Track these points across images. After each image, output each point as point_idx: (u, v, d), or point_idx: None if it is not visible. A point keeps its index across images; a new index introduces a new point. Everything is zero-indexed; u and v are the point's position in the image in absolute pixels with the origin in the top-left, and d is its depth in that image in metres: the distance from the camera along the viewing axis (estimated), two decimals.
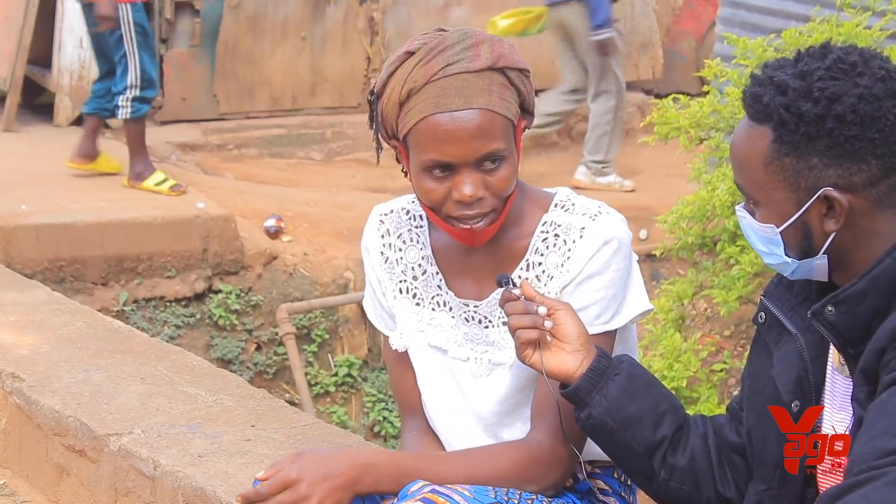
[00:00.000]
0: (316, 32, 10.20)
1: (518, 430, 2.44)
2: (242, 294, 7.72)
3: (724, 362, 5.24)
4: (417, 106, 2.28)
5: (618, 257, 2.35)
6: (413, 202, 2.52)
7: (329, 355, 7.80)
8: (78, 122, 9.52)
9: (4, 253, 7.13)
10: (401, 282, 2.51)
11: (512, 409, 2.44)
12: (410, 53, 2.31)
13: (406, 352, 2.52)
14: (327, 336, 7.77)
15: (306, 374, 7.61)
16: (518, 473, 2.32)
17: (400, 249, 2.51)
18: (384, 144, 2.43)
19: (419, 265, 2.50)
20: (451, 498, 2.20)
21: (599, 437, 2.29)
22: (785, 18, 7.26)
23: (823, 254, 2.06)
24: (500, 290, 2.35)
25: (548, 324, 2.25)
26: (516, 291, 2.27)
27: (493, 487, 2.28)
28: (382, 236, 2.53)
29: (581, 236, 2.37)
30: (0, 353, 3.90)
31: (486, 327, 2.44)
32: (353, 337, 7.80)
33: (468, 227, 2.32)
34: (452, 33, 2.33)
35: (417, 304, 2.50)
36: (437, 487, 2.23)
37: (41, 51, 9.42)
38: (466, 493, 2.23)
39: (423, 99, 2.28)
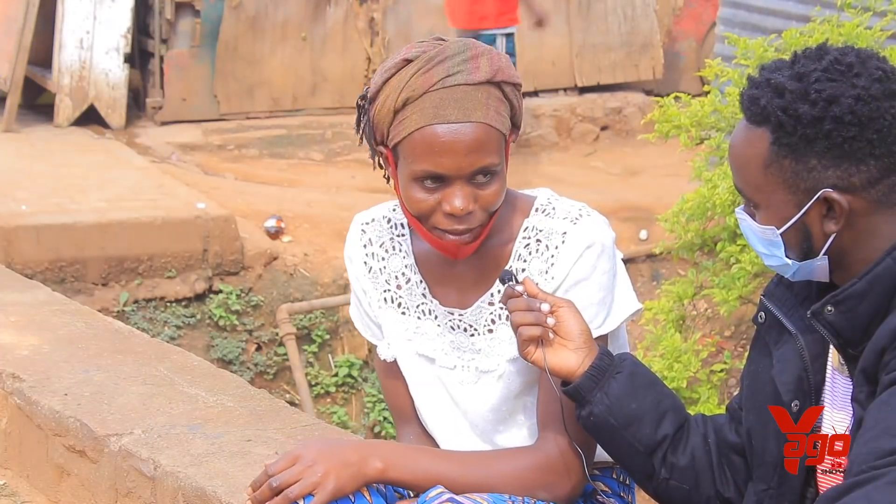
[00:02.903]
0: (316, 33, 10.21)
1: (513, 436, 2.43)
2: (243, 294, 7.72)
3: (725, 362, 5.25)
4: (414, 115, 2.25)
5: (602, 260, 2.34)
6: (394, 210, 2.50)
7: (329, 355, 7.80)
8: (78, 122, 9.53)
9: (5, 253, 7.14)
10: (385, 291, 2.49)
11: (505, 416, 2.43)
12: (408, 61, 2.28)
13: (394, 361, 2.50)
14: (327, 336, 7.77)
15: (307, 374, 7.62)
16: (528, 478, 2.30)
17: (383, 258, 2.49)
18: None
19: (402, 274, 2.48)
20: None
21: (600, 436, 2.29)
22: (785, 19, 7.27)
23: (824, 255, 2.06)
24: (485, 298, 2.36)
25: (550, 321, 2.25)
26: (519, 288, 2.26)
27: (509, 496, 2.26)
28: (365, 246, 2.50)
29: (563, 241, 2.35)
30: (0, 354, 3.90)
31: (472, 335, 2.43)
32: (353, 337, 7.80)
33: (456, 240, 2.30)
34: (452, 44, 2.30)
35: (403, 314, 2.48)
36: (455, 496, 2.22)
37: (41, 51, 9.43)
38: (483, 501, 2.21)
39: (420, 108, 2.25)
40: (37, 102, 9.89)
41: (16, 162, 8.57)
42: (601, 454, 2.39)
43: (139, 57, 9.94)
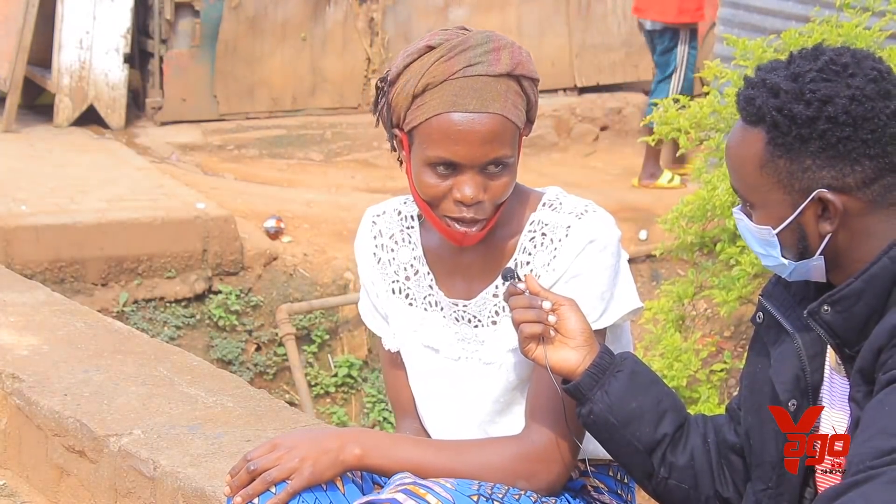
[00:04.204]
0: (316, 33, 10.20)
1: (509, 426, 2.44)
2: (242, 295, 7.72)
3: (724, 362, 5.25)
4: (432, 101, 2.29)
5: (604, 256, 2.36)
6: (405, 203, 2.53)
7: (329, 356, 7.81)
8: (78, 122, 9.53)
9: (4, 253, 7.14)
10: (393, 282, 2.52)
11: (504, 408, 2.45)
12: (431, 48, 2.32)
13: (398, 353, 2.53)
14: (327, 336, 7.77)
15: (306, 374, 7.62)
16: (509, 467, 2.32)
17: (392, 250, 2.52)
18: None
19: (411, 265, 2.51)
20: (432, 490, 2.21)
21: (600, 433, 2.30)
22: (785, 19, 7.27)
23: (819, 255, 2.07)
24: (489, 290, 2.38)
25: (551, 318, 2.26)
26: (521, 286, 2.28)
27: (478, 481, 2.28)
28: (375, 237, 2.54)
29: (566, 235, 2.37)
30: (0, 354, 3.90)
31: (476, 326, 2.45)
32: (353, 337, 7.80)
33: (463, 230, 2.33)
34: (475, 34, 2.34)
35: (410, 305, 2.50)
36: (419, 480, 2.24)
37: (41, 51, 9.43)
38: (449, 485, 2.24)
39: (439, 95, 2.29)
40: (36, 102, 9.89)
41: (15, 162, 8.57)
42: (598, 451, 2.39)
43: (139, 57, 9.93)
